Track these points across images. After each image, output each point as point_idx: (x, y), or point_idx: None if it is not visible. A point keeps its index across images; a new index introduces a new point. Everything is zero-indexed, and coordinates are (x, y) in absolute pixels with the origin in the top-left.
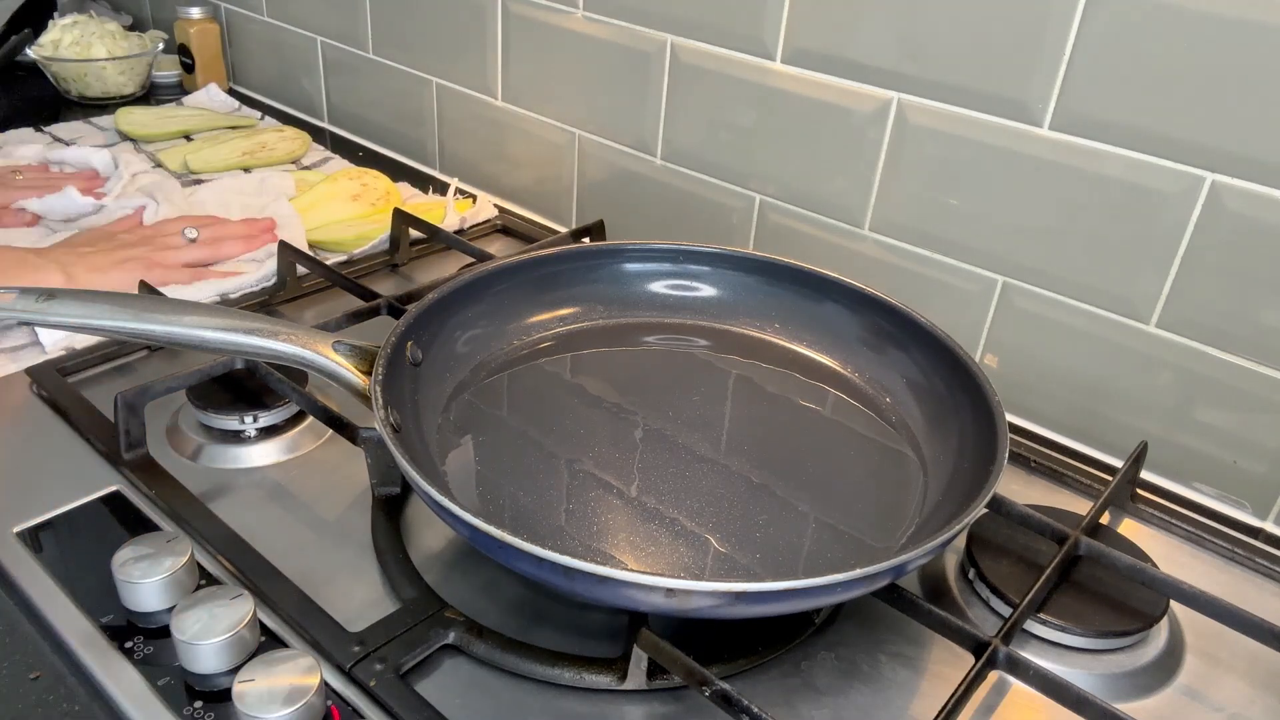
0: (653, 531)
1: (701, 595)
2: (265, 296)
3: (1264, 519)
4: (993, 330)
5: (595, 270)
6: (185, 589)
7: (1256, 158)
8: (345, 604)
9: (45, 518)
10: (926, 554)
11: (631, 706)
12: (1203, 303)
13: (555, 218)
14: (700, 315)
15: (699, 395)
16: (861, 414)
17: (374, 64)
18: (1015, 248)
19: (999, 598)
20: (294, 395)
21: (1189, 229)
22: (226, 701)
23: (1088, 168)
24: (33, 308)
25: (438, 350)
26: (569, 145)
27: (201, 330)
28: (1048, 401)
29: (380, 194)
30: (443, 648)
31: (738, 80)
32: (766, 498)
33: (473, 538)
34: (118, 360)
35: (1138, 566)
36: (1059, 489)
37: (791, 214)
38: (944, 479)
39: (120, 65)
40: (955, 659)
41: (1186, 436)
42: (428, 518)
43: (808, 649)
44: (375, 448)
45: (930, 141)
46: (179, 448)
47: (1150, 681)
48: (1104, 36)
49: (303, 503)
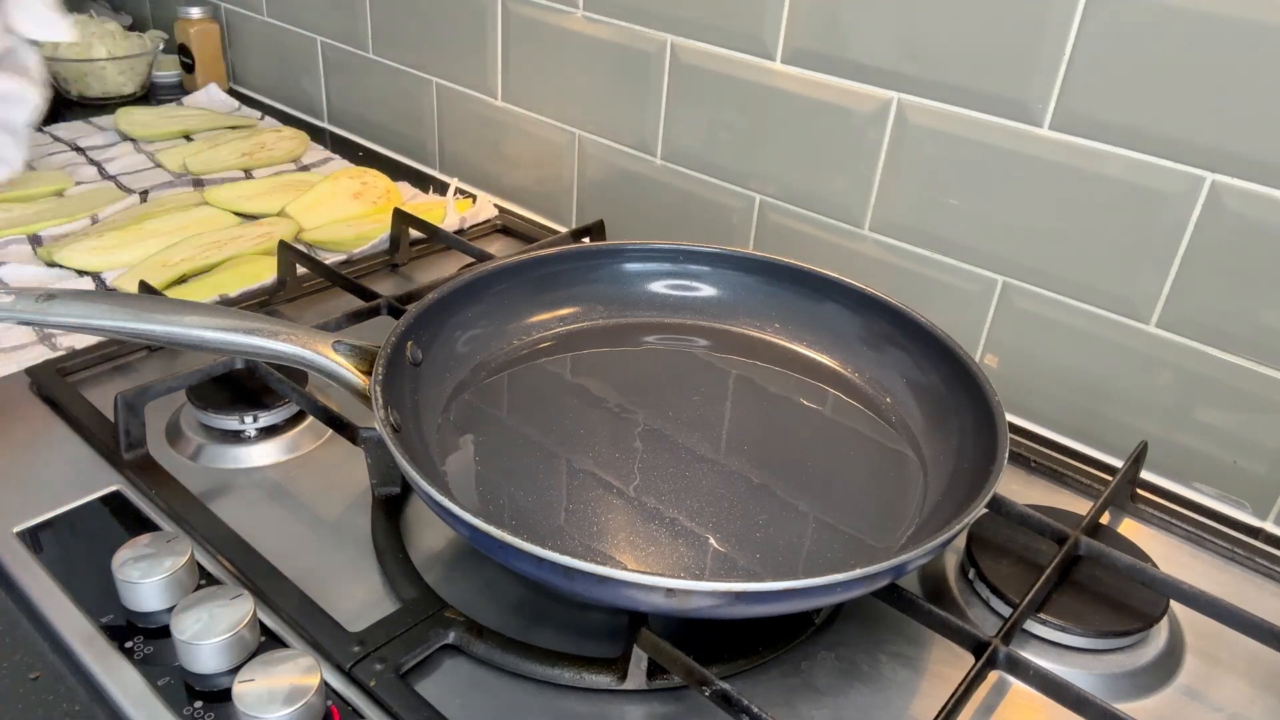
0: (652, 531)
1: (701, 595)
2: (265, 296)
3: (1264, 519)
4: (993, 330)
5: (595, 270)
6: (185, 589)
7: (1256, 158)
8: (345, 604)
9: (45, 518)
10: (926, 554)
11: (631, 706)
12: (1203, 303)
13: (555, 218)
14: (700, 315)
15: (699, 395)
16: (861, 414)
17: (374, 64)
18: (1015, 248)
19: (999, 598)
20: (294, 395)
21: (1189, 229)
22: (226, 701)
23: (1088, 168)
24: (32, 308)
25: (438, 350)
26: (569, 145)
27: (201, 330)
28: (1048, 401)
29: (380, 194)
30: (443, 648)
31: (738, 80)
32: (766, 498)
33: (473, 538)
34: (118, 360)
35: (1138, 566)
36: (1059, 489)
37: (791, 214)
38: (944, 479)
39: (120, 65)
40: (955, 659)
41: (1186, 436)
42: (428, 518)
43: (808, 649)
44: (375, 448)
45: (930, 141)
46: (179, 448)
47: (1150, 681)
48: (1104, 36)
49: (303, 503)
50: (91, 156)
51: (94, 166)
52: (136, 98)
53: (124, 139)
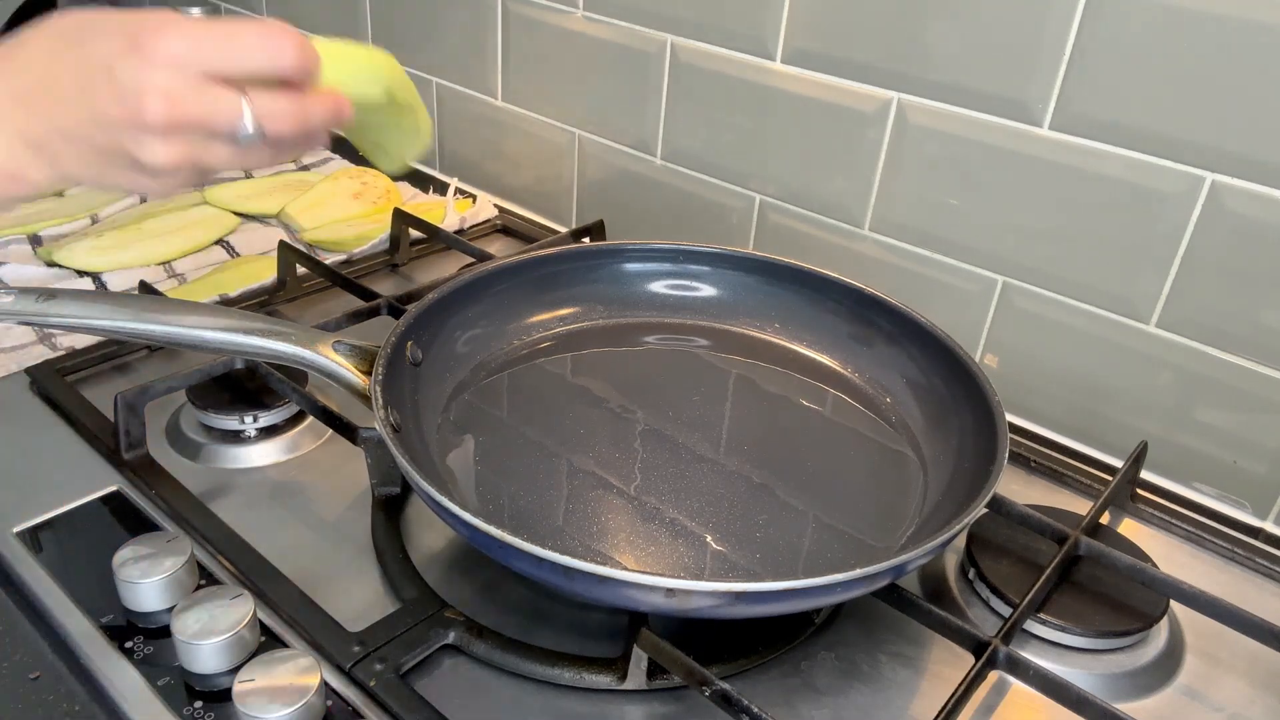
0: (652, 531)
1: (701, 595)
2: (265, 296)
3: (1264, 519)
4: (993, 330)
5: (595, 270)
6: (185, 589)
7: (1256, 158)
8: (345, 604)
9: (45, 518)
10: (926, 554)
11: (631, 706)
12: (1203, 303)
13: (555, 218)
14: (700, 315)
15: (699, 395)
16: (861, 414)
17: None
18: (1015, 248)
19: (999, 598)
20: (294, 395)
21: (1189, 229)
22: (226, 701)
23: (1088, 168)
24: (32, 308)
25: (438, 350)
26: (569, 145)
27: (201, 330)
28: (1048, 401)
29: (380, 193)
30: (443, 648)
31: (738, 80)
32: (766, 498)
33: (473, 538)
34: (118, 360)
35: (1138, 566)
36: (1059, 489)
37: (791, 214)
38: (944, 479)
39: None
40: (955, 659)
41: (1186, 436)
42: (428, 518)
43: (808, 649)
44: (375, 448)
45: (930, 141)
46: (179, 448)
47: (1150, 681)
48: (1104, 36)
49: (303, 503)
50: None
51: None
52: None
53: None
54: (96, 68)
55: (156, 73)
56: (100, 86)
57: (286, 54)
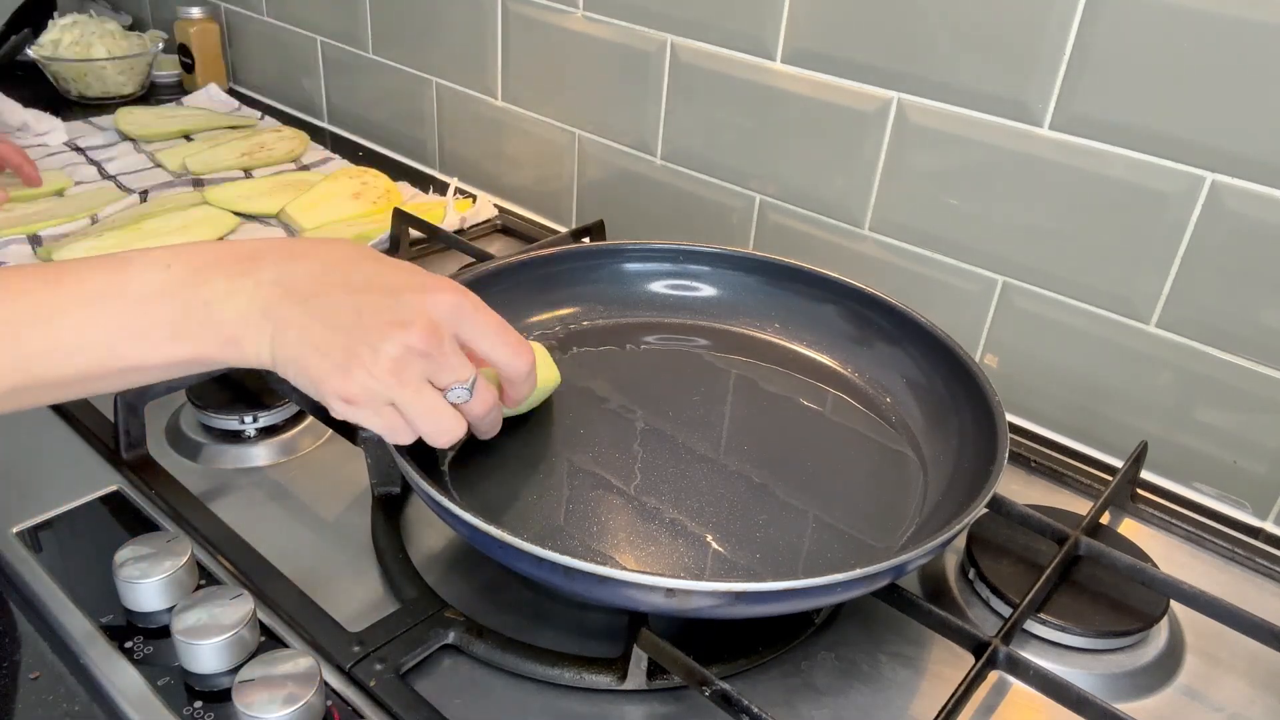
0: (652, 531)
1: (701, 595)
2: None
3: (1264, 519)
4: (993, 330)
5: (595, 270)
6: (185, 589)
7: (1256, 158)
8: (345, 604)
9: (45, 518)
10: (926, 554)
11: (631, 706)
12: (1203, 303)
13: (555, 217)
14: (700, 315)
15: (699, 395)
16: (861, 414)
17: (374, 64)
18: (1015, 248)
19: (999, 598)
20: (294, 395)
21: (1189, 229)
22: (226, 701)
23: (1088, 168)
24: None
25: None
26: (569, 145)
27: None
28: (1048, 401)
29: (380, 193)
30: (443, 648)
31: (738, 80)
32: (766, 498)
33: (472, 538)
34: None
35: (1138, 566)
36: (1059, 489)
37: (791, 214)
38: (944, 479)
39: (120, 65)
40: (955, 659)
41: (1186, 436)
42: (428, 518)
43: (808, 649)
44: (375, 448)
45: (930, 141)
46: (179, 448)
47: (1150, 681)
48: (1104, 36)
49: (303, 503)
50: (91, 156)
51: (94, 166)
52: (136, 98)
53: (124, 139)
54: (385, 287)
55: (432, 310)
56: (380, 297)
57: (523, 364)
